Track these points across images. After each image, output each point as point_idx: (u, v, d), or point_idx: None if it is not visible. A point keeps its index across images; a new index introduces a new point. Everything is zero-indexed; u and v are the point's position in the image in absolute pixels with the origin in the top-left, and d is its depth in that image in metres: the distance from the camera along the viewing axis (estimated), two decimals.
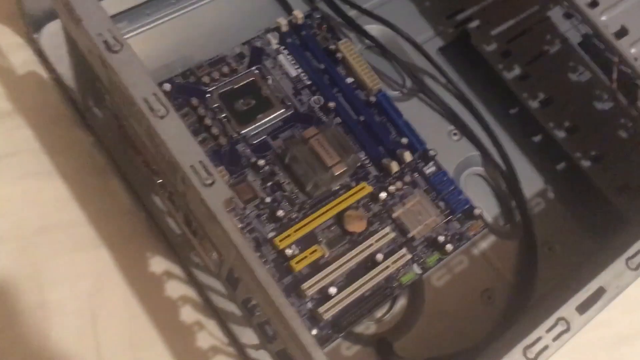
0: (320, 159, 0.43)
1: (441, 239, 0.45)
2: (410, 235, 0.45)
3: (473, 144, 0.50)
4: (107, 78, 0.34)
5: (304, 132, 0.44)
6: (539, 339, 0.30)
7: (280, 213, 0.43)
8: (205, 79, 0.46)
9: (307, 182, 0.44)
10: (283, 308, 0.28)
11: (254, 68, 0.48)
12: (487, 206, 0.48)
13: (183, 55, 0.48)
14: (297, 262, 0.42)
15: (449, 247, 0.45)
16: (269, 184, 0.44)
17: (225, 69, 0.47)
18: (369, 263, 0.43)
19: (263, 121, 0.46)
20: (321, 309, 0.41)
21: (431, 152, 0.47)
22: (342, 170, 0.44)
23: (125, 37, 0.48)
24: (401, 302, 0.45)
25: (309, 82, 0.48)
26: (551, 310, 0.31)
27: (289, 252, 0.42)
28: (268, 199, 0.43)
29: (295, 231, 0.43)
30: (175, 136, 0.30)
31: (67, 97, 0.46)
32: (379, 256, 0.43)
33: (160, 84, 0.45)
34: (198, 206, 0.31)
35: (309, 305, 0.41)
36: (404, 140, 0.47)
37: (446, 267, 0.46)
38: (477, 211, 0.46)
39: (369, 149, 0.47)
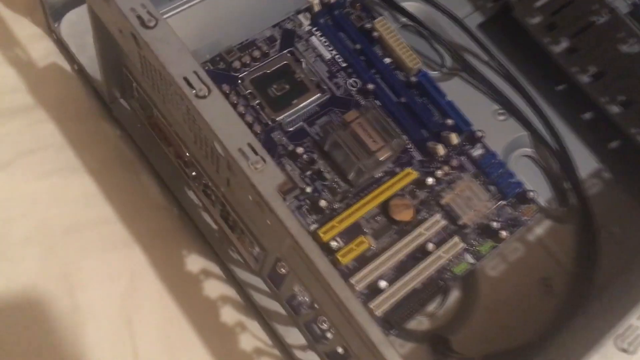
0: (363, 143, 0.41)
1: (494, 225, 0.42)
2: (461, 222, 0.42)
3: (521, 124, 0.47)
4: (140, 59, 0.31)
5: (344, 116, 0.42)
6: (630, 327, 0.26)
7: (322, 203, 0.40)
8: (236, 64, 0.43)
9: (349, 169, 0.41)
10: (348, 301, 0.25)
11: (286, 51, 0.45)
12: (539, 189, 0.45)
13: (210, 41, 0.45)
14: (344, 255, 0.39)
15: (503, 233, 0.42)
16: (308, 173, 0.41)
17: (256, 53, 0.44)
18: (419, 254, 0.41)
19: (299, 107, 0.43)
20: (371, 305, 0.38)
21: (478, 134, 0.44)
22: (387, 155, 0.41)
23: None
24: (454, 295, 0.42)
25: (344, 64, 0.45)
26: (636, 295, 0.28)
27: (334, 244, 0.39)
28: (308, 189, 0.41)
29: (339, 222, 0.40)
30: (220, 117, 0.27)
31: (90, 89, 0.43)
32: (430, 246, 0.40)
33: None
34: (246, 194, 0.28)
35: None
36: (449, 122, 0.44)
37: (500, 255, 0.43)
38: (530, 194, 0.43)
39: (412, 132, 0.44)
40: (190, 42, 0.45)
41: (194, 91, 0.28)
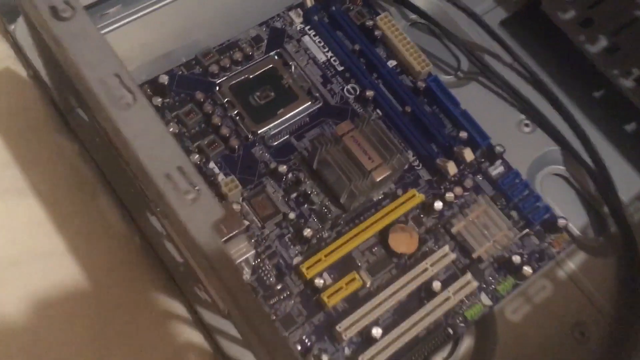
0: (357, 161, 0.34)
1: (516, 259, 0.35)
2: (475, 255, 0.35)
3: (550, 137, 0.40)
4: (65, 61, 0.25)
5: (336, 128, 0.35)
6: None
7: (307, 232, 0.34)
8: (213, 69, 0.37)
9: (340, 191, 0.35)
10: None
11: (273, 53, 0.39)
12: (571, 215, 0.38)
13: (188, 42, 0.40)
14: (330, 296, 0.33)
15: (526, 269, 0.35)
16: (294, 195, 0.35)
17: (238, 56, 0.38)
18: (423, 294, 0.34)
19: (285, 117, 0.37)
20: (363, 357, 0.31)
21: (498, 149, 0.37)
22: (385, 175, 0.34)
23: (120, 23, 0.40)
24: (467, 344, 0.35)
25: (341, 68, 0.39)
26: None
27: (319, 282, 0.33)
28: (292, 215, 0.34)
29: (327, 255, 0.33)
30: (145, 132, 0.21)
31: (47, 98, 0.38)
32: (436, 285, 0.34)
33: (156, 77, 0.36)
34: (180, 231, 0.21)
35: (347, 351, 0.32)
36: (463, 135, 0.38)
37: (524, 295, 0.36)
38: (561, 222, 0.36)
39: (419, 147, 0.37)
40: (165, 44, 0.40)
41: (114, 99, 0.21)
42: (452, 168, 0.36)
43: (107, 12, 0.39)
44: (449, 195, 0.36)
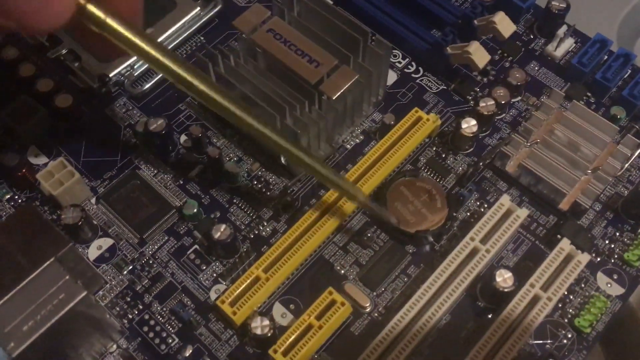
0: (292, 73, 0.17)
1: None
2: (564, 205, 0.18)
3: None
4: None
5: (233, 23, 0.18)
6: None
7: (220, 233, 0.17)
8: None
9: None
10: None
11: None
12: None
13: None
14: (291, 350, 0.16)
15: None
16: (194, 172, 0.19)
17: None
18: (481, 301, 0.17)
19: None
20: None
21: (555, 4, 0.20)
22: (348, 84, 0.17)
23: None
24: None
25: None
26: None
27: (261, 326, 0.16)
28: (193, 209, 0.18)
29: (269, 269, 0.16)
30: None
31: None
32: (504, 277, 0.17)
33: None
34: None
35: None
36: None
37: None
38: None
39: (410, 38, 0.21)
40: None
41: None
42: (479, 55, 0.19)
43: None
44: (486, 106, 0.18)
